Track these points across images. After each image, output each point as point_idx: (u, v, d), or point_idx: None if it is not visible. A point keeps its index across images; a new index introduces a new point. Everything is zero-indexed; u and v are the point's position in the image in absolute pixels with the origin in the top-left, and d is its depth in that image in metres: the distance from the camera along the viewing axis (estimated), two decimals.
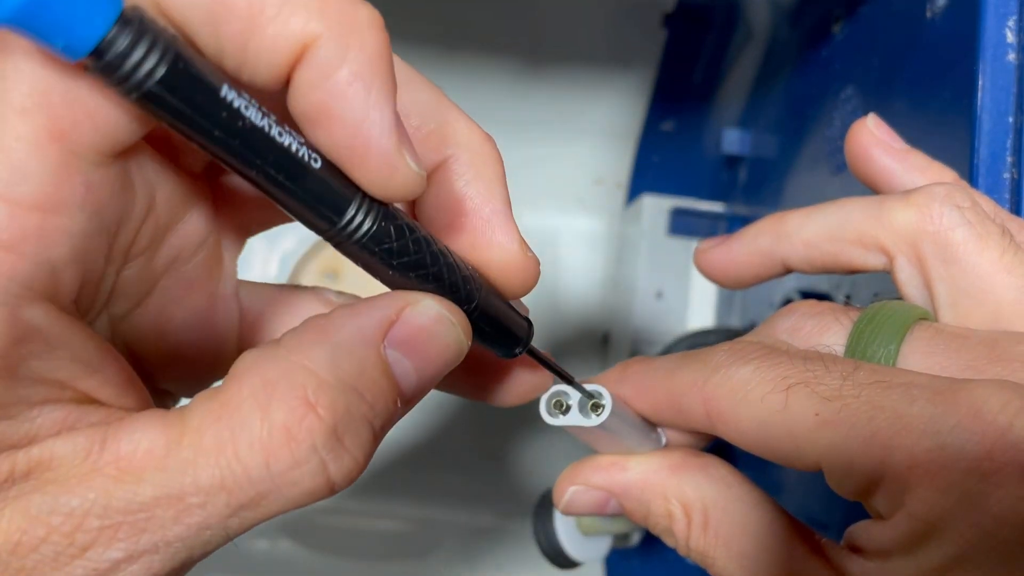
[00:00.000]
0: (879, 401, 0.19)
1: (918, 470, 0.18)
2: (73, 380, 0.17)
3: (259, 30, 0.15)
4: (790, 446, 0.21)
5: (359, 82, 0.16)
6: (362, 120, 0.16)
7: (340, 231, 0.17)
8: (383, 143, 0.16)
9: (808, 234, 0.26)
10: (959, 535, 0.18)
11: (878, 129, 0.28)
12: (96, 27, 0.13)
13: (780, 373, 0.21)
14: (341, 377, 0.17)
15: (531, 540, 0.35)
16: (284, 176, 0.16)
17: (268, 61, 0.16)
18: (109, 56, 0.14)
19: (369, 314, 0.18)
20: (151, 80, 0.14)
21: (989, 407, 0.18)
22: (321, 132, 0.16)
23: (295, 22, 0.15)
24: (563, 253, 0.62)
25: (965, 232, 0.23)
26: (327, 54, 0.16)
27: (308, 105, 0.16)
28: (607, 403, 0.23)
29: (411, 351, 0.18)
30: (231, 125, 0.15)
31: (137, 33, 0.14)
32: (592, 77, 0.58)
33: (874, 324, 0.23)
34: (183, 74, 0.14)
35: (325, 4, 0.16)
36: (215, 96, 0.15)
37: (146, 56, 0.14)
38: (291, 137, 0.16)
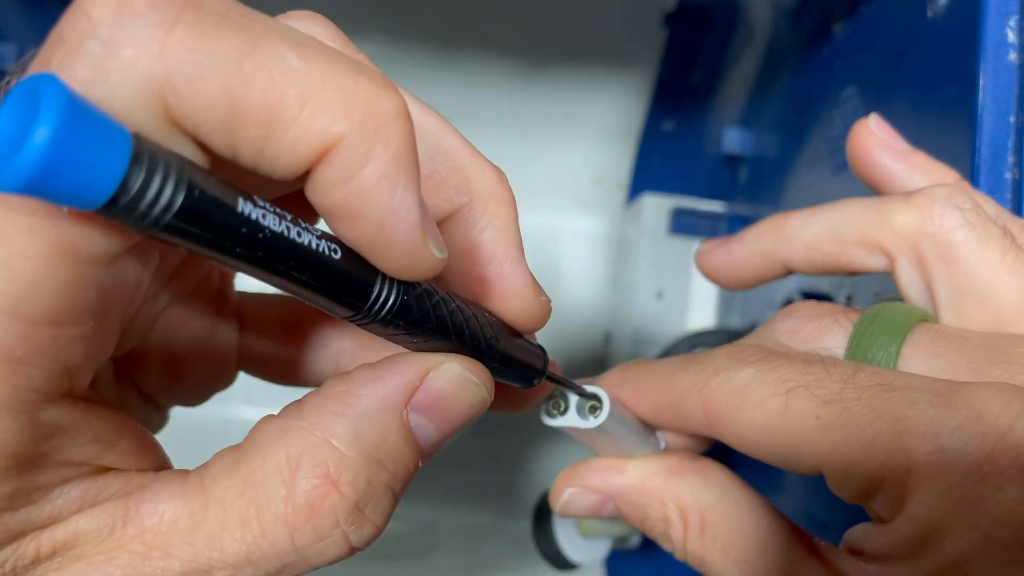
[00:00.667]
0: (880, 404, 0.19)
1: (918, 473, 0.18)
2: (93, 459, 0.17)
3: (278, 133, 0.14)
4: (790, 450, 0.21)
5: (384, 181, 0.15)
6: (387, 217, 0.15)
7: (364, 315, 0.17)
8: (408, 237, 0.16)
9: (809, 235, 0.26)
10: (959, 538, 0.18)
11: (879, 129, 0.28)
12: (109, 179, 0.12)
13: (780, 376, 0.21)
14: (363, 450, 0.17)
15: (531, 540, 0.35)
16: (307, 275, 0.16)
17: (287, 162, 0.15)
18: (122, 203, 0.13)
19: (392, 380, 0.18)
20: (167, 216, 0.13)
21: (990, 409, 0.18)
22: (343, 226, 0.16)
23: (317, 124, 0.14)
24: (563, 253, 0.62)
25: (966, 233, 0.23)
26: (351, 155, 0.15)
27: (331, 203, 0.15)
28: (605, 405, 0.23)
29: (434, 414, 0.18)
30: (251, 239, 0.14)
31: (148, 172, 0.13)
32: (592, 77, 0.58)
33: (874, 326, 0.23)
34: (198, 202, 0.14)
35: (348, 101, 0.14)
36: (233, 215, 0.14)
37: (159, 194, 0.13)
38: (309, 234, 0.15)
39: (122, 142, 0.13)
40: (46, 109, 0.12)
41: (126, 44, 0.13)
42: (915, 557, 0.19)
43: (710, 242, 0.30)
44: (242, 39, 0.14)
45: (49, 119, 0.12)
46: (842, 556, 0.21)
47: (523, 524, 0.56)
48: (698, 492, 0.24)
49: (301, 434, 0.17)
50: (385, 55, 0.56)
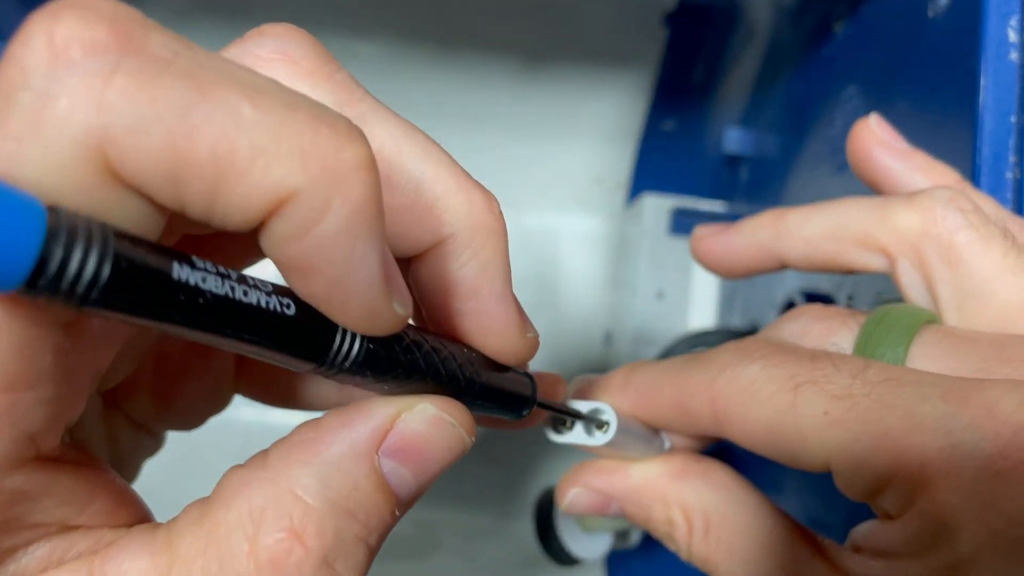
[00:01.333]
0: (890, 399, 0.19)
1: (930, 469, 0.18)
2: (62, 520, 0.16)
3: (227, 188, 0.13)
4: (798, 446, 0.20)
5: (342, 236, 0.14)
6: (345, 274, 0.14)
7: (327, 368, 0.16)
8: (368, 294, 0.15)
9: (809, 232, 0.26)
10: (970, 535, 0.18)
11: (880, 129, 0.28)
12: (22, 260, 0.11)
13: (788, 372, 0.21)
14: (331, 499, 0.16)
15: (531, 540, 0.35)
16: (258, 335, 0.15)
17: (238, 217, 0.14)
18: (42, 283, 0.12)
19: (362, 425, 0.17)
20: (94, 291, 0.12)
21: (1003, 406, 0.18)
22: (298, 282, 0.15)
23: (270, 177, 0.13)
24: (563, 253, 0.62)
25: (968, 235, 0.23)
26: (306, 209, 0.13)
27: (284, 257, 0.14)
28: (612, 422, 0.23)
29: (408, 459, 0.17)
30: (191, 305, 0.13)
31: (67, 247, 0.12)
32: (592, 76, 0.58)
33: (882, 327, 0.22)
34: (127, 274, 0.13)
35: (306, 152, 0.13)
36: (167, 283, 0.13)
37: (81, 270, 0.12)
38: (258, 291, 0.15)
39: (36, 218, 0.11)
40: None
41: (61, 95, 0.12)
42: (925, 554, 0.19)
43: (707, 227, 0.29)
44: (189, 87, 0.13)
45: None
46: (847, 554, 0.21)
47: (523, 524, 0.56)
48: (702, 494, 0.24)
49: (264, 485, 0.16)
50: (385, 55, 0.56)
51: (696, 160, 0.58)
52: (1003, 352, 0.21)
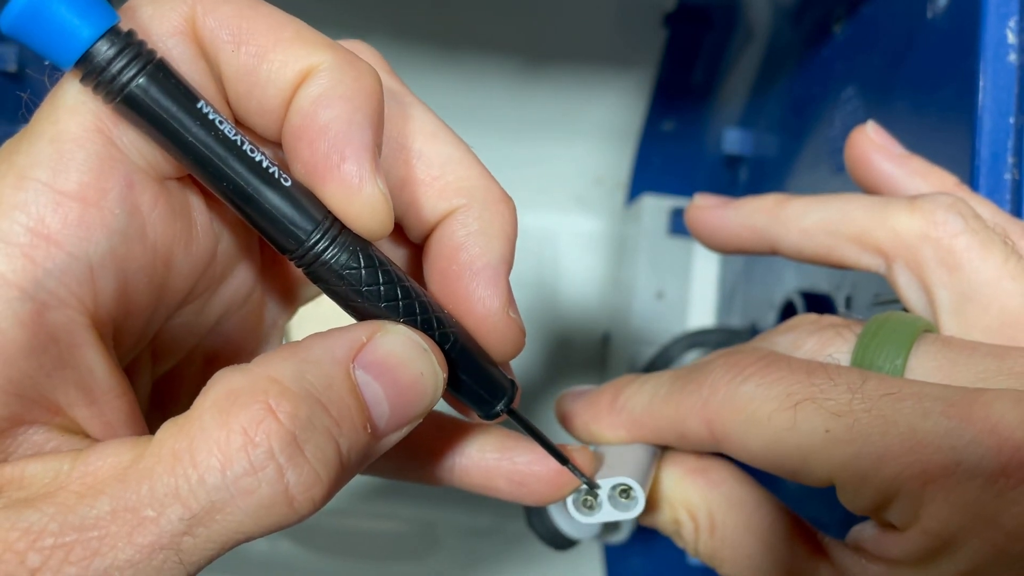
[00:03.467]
0: (891, 415, 0.19)
1: (933, 486, 0.18)
2: (68, 407, 0.17)
3: (272, 54, 0.17)
4: (800, 464, 0.20)
5: (347, 103, 0.17)
6: (342, 134, 0.17)
7: (306, 251, 0.17)
8: (355, 160, 0.17)
9: (807, 223, 0.26)
10: (973, 551, 0.18)
11: (877, 135, 0.28)
12: (82, 41, 0.15)
13: (784, 389, 0.21)
14: (306, 388, 0.17)
15: (531, 541, 0.35)
16: (252, 190, 0.17)
17: (276, 80, 0.18)
18: (91, 64, 0.16)
19: (340, 335, 0.18)
20: (132, 84, 0.16)
21: (1006, 422, 0.18)
22: (306, 145, 0.17)
23: (303, 50, 0.18)
24: (563, 253, 0.62)
25: (969, 239, 0.23)
26: (325, 78, 0.17)
27: (298, 117, 0.18)
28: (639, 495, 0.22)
29: (381, 374, 0.18)
30: (206, 135, 0.16)
31: (121, 46, 0.16)
32: (592, 77, 0.58)
33: (879, 337, 0.22)
34: (163, 82, 0.16)
35: (332, 46, 0.18)
36: (192, 106, 0.17)
37: (128, 64, 0.16)
38: (263, 155, 0.17)
39: (106, 19, 0.16)
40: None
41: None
42: (926, 566, 0.19)
43: (706, 198, 0.29)
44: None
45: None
46: (847, 553, 0.21)
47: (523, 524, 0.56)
48: (705, 493, 0.24)
49: (244, 372, 0.17)
50: (386, 55, 0.56)
51: (696, 160, 0.59)
52: (1003, 363, 0.21)
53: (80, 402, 0.17)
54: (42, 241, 0.16)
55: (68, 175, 0.16)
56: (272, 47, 0.17)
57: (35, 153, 0.16)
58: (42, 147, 0.16)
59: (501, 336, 0.20)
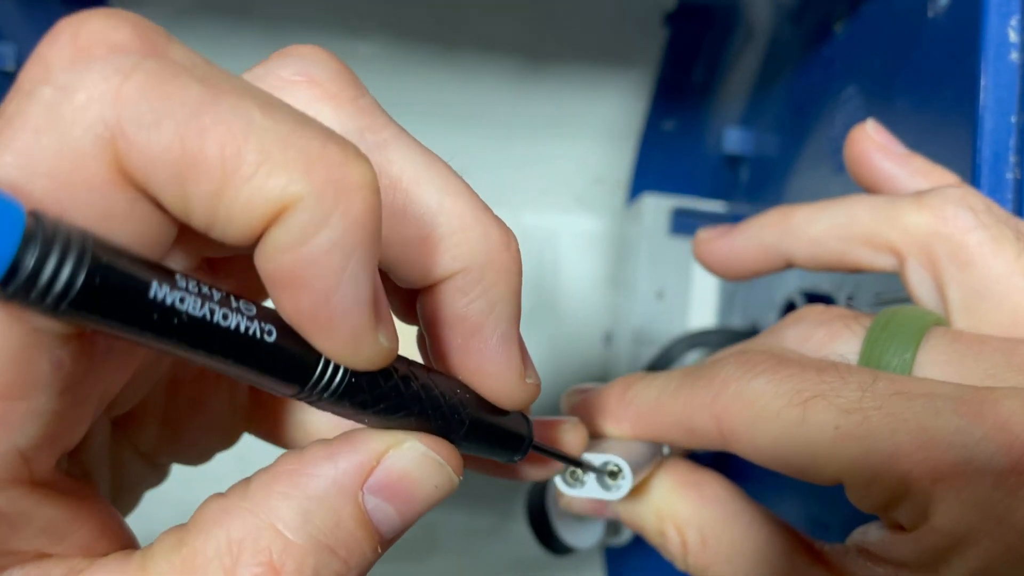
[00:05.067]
0: (902, 413, 0.19)
1: (944, 483, 0.18)
2: (37, 548, 0.16)
3: (232, 190, 0.13)
4: (809, 461, 0.20)
5: (337, 250, 0.14)
6: (333, 290, 0.14)
7: (308, 394, 0.16)
8: (353, 318, 0.14)
9: (815, 231, 0.26)
10: (984, 550, 0.18)
11: (877, 134, 0.27)
12: None
13: (795, 386, 0.21)
14: (312, 534, 0.16)
15: (530, 541, 0.35)
16: (234, 358, 0.14)
17: (240, 223, 0.14)
18: (14, 285, 0.12)
19: (347, 459, 0.16)
20: (65, 300, 0.12)
21: (1016, 419, 0.18)
22: (286, 298, 0.14)
23: (274, 181, 0.13)
24: (563, 253, 0.62)
25: (980, 235, 0.23)
26: (306, 218, 0.13)
27: (277, 268, 0.14)
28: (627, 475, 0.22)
29: (393, 496, 0.17)
30: (166, 324, 0.13)
31: (43, 251, 0.12)
32: (592, 76, 0.58)
33: (888, 331, 0.22)
34: (102, 285, 0.13)
35: (312, 163, 0.13)
36: (142, 299, 0.13)
37: (55, 276, 0.12)
38: (239, 315, 0.14)
39: (14, 219, 0.12)
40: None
41: (80, 89, 0.13)
42: (937, 567, 0.19)
43: (710, 230, 0.29)
44: (203, 91, 0.13)
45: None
46: (850, 557, 0.21)
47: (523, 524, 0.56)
48: (696, 508, 0.24)
49: (244, 516, 0.15)
50: (385, 55, 0.56)
51: (696, 160, 0.58)
52: (1012, 358, 0.21)
53: (47, 543, 0.16)
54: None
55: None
56: (229, 183, 0.13)
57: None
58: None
59: (516, 401, 0.19)
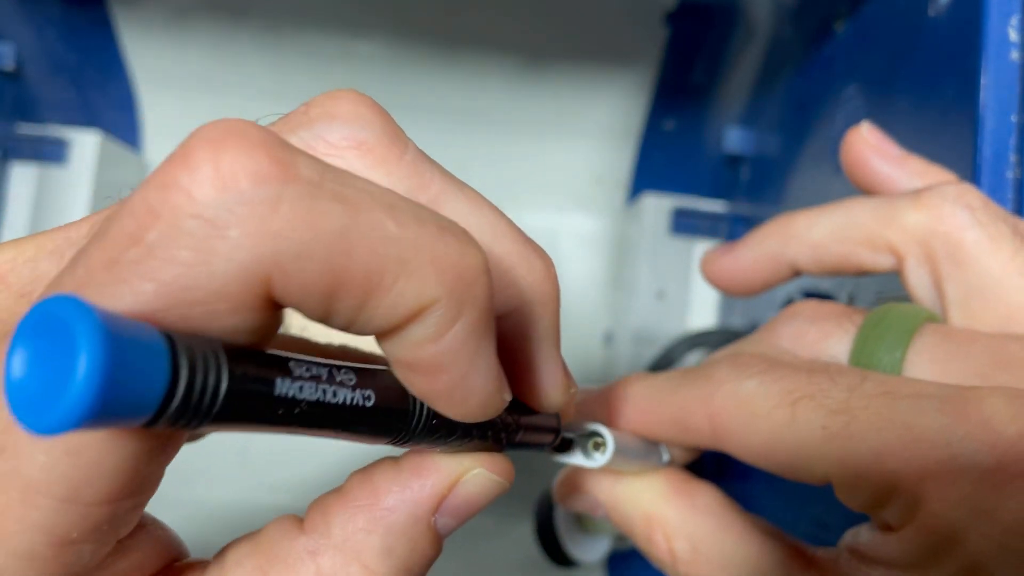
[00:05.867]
0: (888, 413, 0.19)
1: (929, 482, 0.18)
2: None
3: (377, 299, 0.14)
4: (798, 460, 0.21)
5: (471, 338, 0.15)
6: (469, 372, 0.16)
7: (400, 441, 0.17)
8: (484, 391, 0.16)
9: (816, 236, 0.26)
10: (972, 547, 0.18)
11: (872, 136, 0.27)
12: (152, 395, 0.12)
13: (785, 387, 0.21)
14: (395, 565, 0.17)
15: (531, 541, 0.35)
16: (343, 427, 0.16)
17: (380, 324, 0.15)
18: (168, 413, 0.12)
19: (421, 491, 0.18)
20: (210, 415, 0.13)
21: (1000, 417, 0.18)
22: (423, 381, 0.16)
23: (413, 290, 0.14)
24: (563, 253, 0.62)
25: (977, 233, 0.23)
26: (444, 315, 0.15)
27: (416, 359, 0.15)
28: (609, 445, 0.23)
29: (459, 515, 0.18)
30: (288, 414, 0.14)
31: (190, 377, 0.12)
32: (592, 76, 0.58)
33: (880, 329, 0.22)
34: (237, 395, 0.13)
35: (442, 265, 0.14)
36: (270, 397, 0.14)
37: (202, 397, 0.13)
38: (344, 390, 0.15)
39: (158, 350, 0.12)
40: (82, 339, 0.11)
41: (231, 225, 0.13)
42: (926, 566, 0.19)
43: (713, 250, 0.29)
44: (343, 212, 0.14)
45: (89, 351, 0.11)
46: (842, 559, 0.21)
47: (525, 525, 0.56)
48: (687, 517, 0.24)
49: (332, 554, 0.17)
50: (384, 55, 0.56)
51: (696, 160, 0.58)
52: (1002, 355, 0.21)
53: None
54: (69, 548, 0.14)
55: (94, 488, 0.14)
56: (373, 295, 0.14)
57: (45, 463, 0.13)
58: (56, 456, 0.13)
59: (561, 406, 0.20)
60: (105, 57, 0.55)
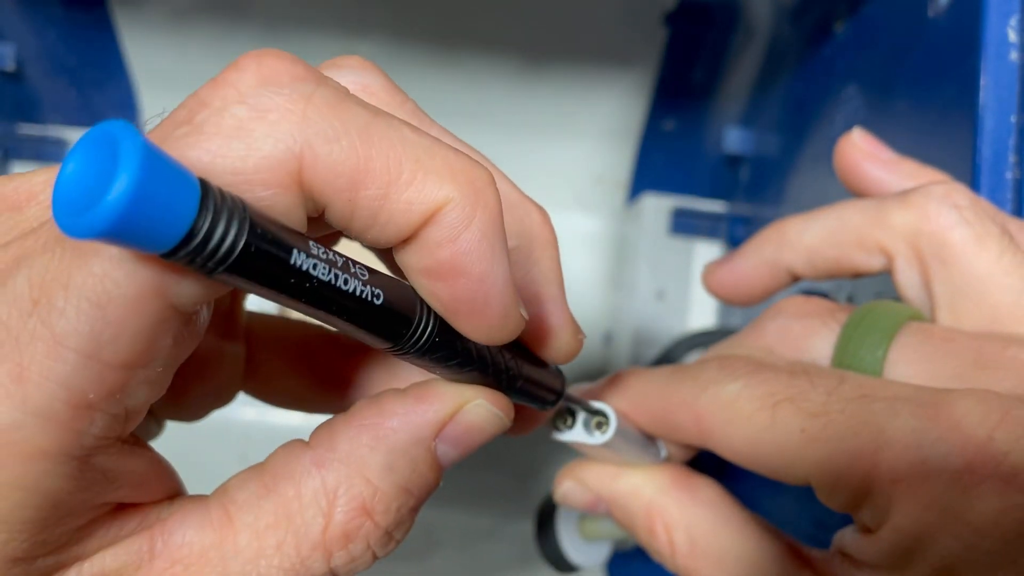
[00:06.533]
0: (863, 416, 0.19)
1: (901, 484, 0.19)
2: (121, 499, 0.17)
3: (395, 194, 0.15)
4: (778, 462, 0.21)
5: (486, 240, 0.16)
6: (487, 275, 0.16)
7: (400, 348, 0.18)
8: (504, 296, 0.17)
9: (809, 240, 0.26)
10: (942, 548, 0.18)
11: (864, 142, 0.28)
12: (178, 224, 0.13)
13: (767, 390, 0.21)
14: (395, 482, 0.18)
15: (531, 541, 0.35)
16: (348, 316, 0.16)
17: (400, 222, 0.16)
18: (189, 247, 0.13)
19: (423, 415, 0.18)
20: (228, 260, 0.14)
21: (969, 420, 0.18)
22: (443, 286, 0.16)
23: (429, 187, 0.16)
24: (563, 253, 0.61)
25: (963, 232, 0.23)
26: (458, 215, 0.16)
27: (435, 261, 0.16)
28: (612, 422, 0.23)
29: (460, 444, 0.19)
30: (299, 286, 0.15)
31: (214, 217, 0.13)
32: (592, 76, 0.58)
33: (862, 328, 0.22)
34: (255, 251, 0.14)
35: (454, 168, 0.16)
36: (285, 265, 0.15)
37: (223, 239, 0.13)
38: (355, 280, 0.16)
39: (191, 187, 0.13)
40: (125, 158, 0.12)
41: (271, 109, 0.15)
42: (901, 566, 0.19)
43: (713, 262, 0.30)
44: (366, 111, 0.16)
45: (129, 168, 0.12)
46: (834, 561, 0.21)
47: (524, 525, 0.56)
48: (687, 510, 0.24)
49: (337, 467, 0.18)
50: (385, 55, 0.56)
51: (696, 160, 0.58)
52: (981, 356, 0.21)
53: (128, 495, 0.17)
54: (84, 411, 0.15)
55: (116, 347, 0.14)
56: (393, 188, 0.15)
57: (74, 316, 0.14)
58: (84, 310, 0.14)
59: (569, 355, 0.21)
60: (105, 57, 0.55)
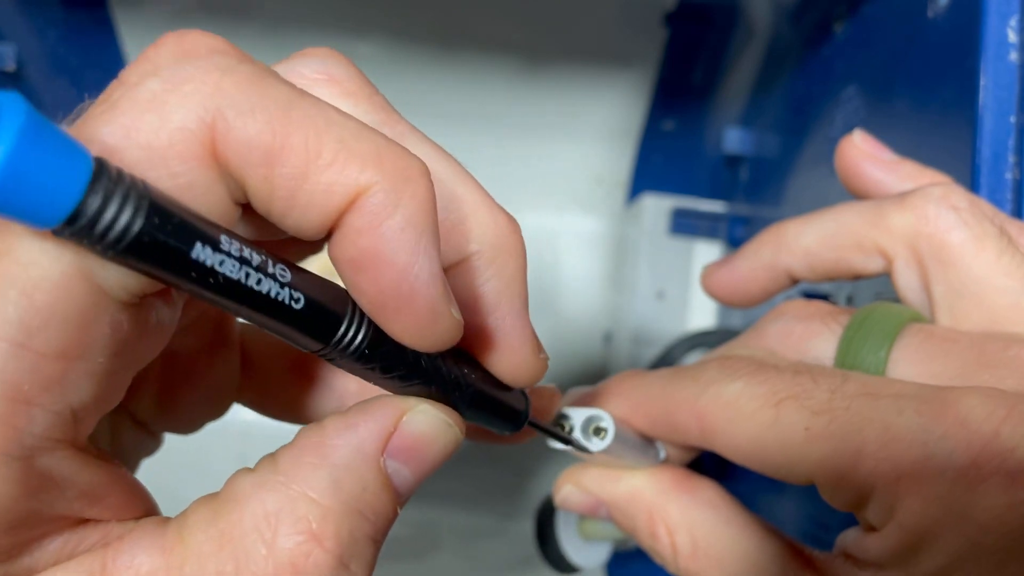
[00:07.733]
0: (867, 413, 0.19)
1: (906, 481, 0.18)
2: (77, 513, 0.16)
3: (314, 175, 0.15)
4: (782, 460, 0.21)
5: (410, 229, 0.15)
6: (410, 266, 0.15)
7: (330, 352, 0.16)
8: (430, 291, 0.16)
9: (807, 242, 0.26)
10: (948, 545, 0.18)
11: (864, 143, 0.27)
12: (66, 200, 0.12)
13: (770, 388, 0.21)
14: (344, 501, 0.16)
15: (531, 541, 0.35)
16: (263, 317, 0.15)
17: (320, 205, 0.15)
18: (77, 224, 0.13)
19: (366, 427, 0.17)
20: (122, 243, 0.13)
21: (975, 416, 0.18)
22: (366, 278, 0.16)
23: (351, 170, 0.15)
24: (563, 253, 0.62)
25: (962, 234, 0.23)
26: (381, 201, 0.15)
27: (356, 250, 0.15)
28: (610, 430, 0.23)
29: (410, 459, 0.18)
30: (203, 282, 0.14)
31: (106, 196, 0.13)
32: (592, 76, 0.58)
33: (863, 330, 0.23)
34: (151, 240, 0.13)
35: (381, 153, 0.15)
36: (185, 258, 0.14)
37: (115, 221, 0.13)
38: (271, 281, 0.15)
39: (83, 163, 0.13)
40: (5, 129, 0.12)
41: (186, 81, 0.14)
42: (906, 564, 0.19)
43: (712, 264, 0.30)
44: (290, 91, 0.15)
45: (6, 138, 0.12)
46: (837, 561, 0.21)
47: (524, 525, 0.56)
48: (688, 511, 0.24)
49: (278, 488, 0.16)
50: (384, 55, 0.56)
51: (696, 160, 0.58)
52: (983, 355, 0.21)
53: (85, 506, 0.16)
54: (22, 407, 0.14)
55: (47, 334, 0.14)
56: (312, 167, 0.15)
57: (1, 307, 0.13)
58: (10, 298, 0.13)
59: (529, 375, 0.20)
60: (106, 58, 0.55)
